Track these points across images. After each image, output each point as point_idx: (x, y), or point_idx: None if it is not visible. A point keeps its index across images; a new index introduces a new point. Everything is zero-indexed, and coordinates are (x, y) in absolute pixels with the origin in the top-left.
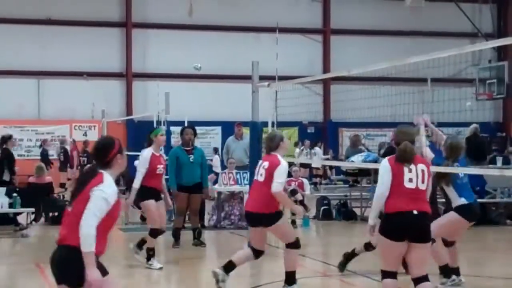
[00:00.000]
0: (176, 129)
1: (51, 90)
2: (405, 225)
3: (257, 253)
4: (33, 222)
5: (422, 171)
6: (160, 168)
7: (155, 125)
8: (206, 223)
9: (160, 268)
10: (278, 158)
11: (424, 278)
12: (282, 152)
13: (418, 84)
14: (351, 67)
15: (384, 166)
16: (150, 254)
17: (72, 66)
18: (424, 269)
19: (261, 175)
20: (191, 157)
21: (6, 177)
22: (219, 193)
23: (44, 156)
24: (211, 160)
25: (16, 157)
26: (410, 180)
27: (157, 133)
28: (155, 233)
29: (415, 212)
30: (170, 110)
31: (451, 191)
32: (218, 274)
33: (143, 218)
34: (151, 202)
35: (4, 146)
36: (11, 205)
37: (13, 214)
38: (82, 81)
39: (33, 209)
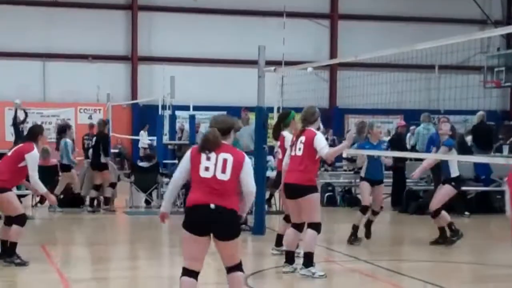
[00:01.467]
0: (181, 113)
1: (56, 73)
2: (201, 219)
3: (298, 227)
4: (38, 204)
5: (225, 160)
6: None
7: (160, 109)
8: None
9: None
10: (313, 130)
11: (236, 268)
12: (314, 127)
13: (425, 71)
14: (358, 53)
15: (186, 153)
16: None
17: (77, 48)
18: (235, 259)
19: (299, 149)
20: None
21: (102, 159)
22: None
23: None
24: None
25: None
26: (206, 168)
27: (293, 117)
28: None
29: (212, 206)
30: (175, 94)
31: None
32: (289, 271)
33: (147, 202)
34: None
35: (101, 129)
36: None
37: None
38: (87, 64)
39: None
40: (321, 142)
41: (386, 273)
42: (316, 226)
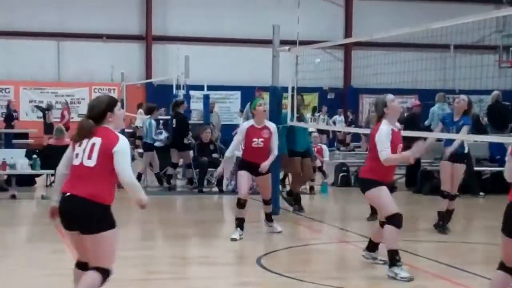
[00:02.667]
0: (195, 93)
1: (71, 52)
2: (60, 210)
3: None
4: (53, 184)
5: (93, 144)
6: (259, 141)
7: (174, 89)
8: (224, 188)
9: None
10: (380, 125)
11: (94, 268)
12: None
13: (440, 50)
14: (373, 32)
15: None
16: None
17: (92, 28)
18: (95, 261)
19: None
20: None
21: (185, 140)
22: (238, 158)
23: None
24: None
25: (35, 119)
26: (77, 155)
27: (254, 105)
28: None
29: (67, 194)
30: (189, 74)
31: None
32: (368, 258)
33: (160, 182)
34: (242, 173)
35: (177, 110)
36: (31, 167)
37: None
38: (101, 44)
39: (52, 171)
40: (380, 141)
41: (401, 253)
42: (392, 220)
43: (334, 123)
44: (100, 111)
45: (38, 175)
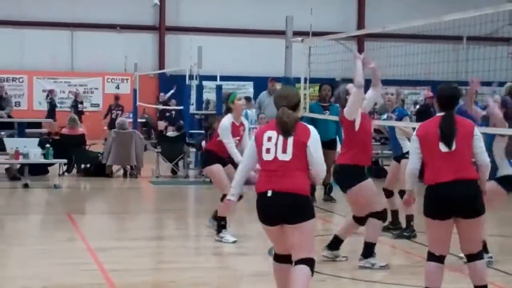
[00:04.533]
0: (208, 84)
1: (84, 42)
2: (263, 209)
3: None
4: (65, 173)
5: (285, 138)
6: (235, 140)
7: (187, 79)
8: None
9: (234, 242)
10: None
11: (300, 262)
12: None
13: (453, 42)
14: (385, 24)
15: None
16: (222, 224)
17: (105, 18)
18: (303, 251)
19: None
20: (327, 113)
21: None
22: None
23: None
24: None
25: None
26: (267, 150)
27: (233, 99)
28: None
29: (268, 192)
30: (202, 64)
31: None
32: (328, 256)
33: (173, 172)
34: (215, 167)
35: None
36: (44, 156)
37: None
38: (115, 34)
39: (65, 160)
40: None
41: (412, 245)
42: (378, 215)
43: None
44: (296, 102)
45: (51, 164)
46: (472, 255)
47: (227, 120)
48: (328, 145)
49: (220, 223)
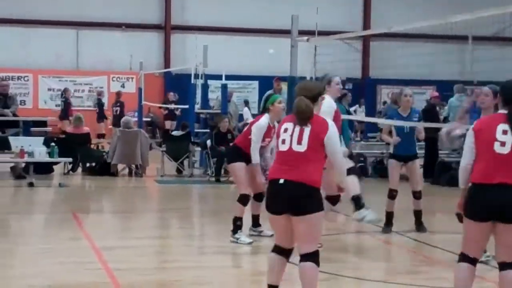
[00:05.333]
0: (214, 83)
1: (90, 41)
2: (273, 195)
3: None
4: (70, 172)
5: (302, 129)
6: (266, 141)
7: (192, 78)
8: None
9: (250, 243)
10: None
11: (306, 259)
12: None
13: (458, 42)
14: (391, 24)
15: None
16: (238, 225)
17: (111, 17)
18: (306, 243)
19: None
20: None
21: None
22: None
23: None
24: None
25: (53, 107)
26: (283, 141)
27: (273, 101)
28: (243, 199)
29: (281, 180)
30: (208, 63)
31: None
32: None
33: (178, 171)
34: (239, 165)
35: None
36: (49, 155)
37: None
38: (120, 33)
39: (70, 159)
40: None
41: (418, 244)
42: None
43: (355, 112)
44: (315, 94)
45: (56, 163)
46: (507, 263)
47: (264, 121)
48: None
49: (236, 224)
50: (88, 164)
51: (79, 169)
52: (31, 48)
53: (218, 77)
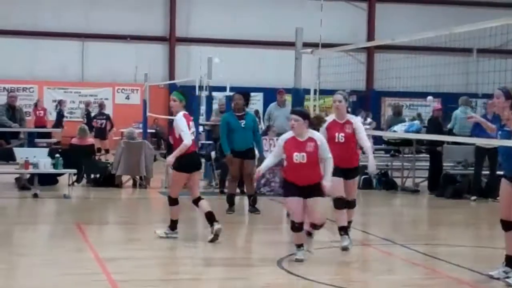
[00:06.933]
0: (218, 95)
1: (95, 53)
2: None
3: None
4: (75, 183)
5: None
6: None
7: (197, 90)
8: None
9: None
10: None
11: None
12: None
13: (463, 54)
14: (395, 36)
15: None
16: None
17: (116, 29)
18: None
19: None
20: (243, 122)
21: None
22: (259, 159)
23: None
24: None
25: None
26: None
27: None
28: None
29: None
30: (212, 75)
31: None
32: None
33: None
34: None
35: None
36: (54, 166)
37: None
38: (125, 44)
39: (75, 170)
40: None
41: (422, 257)
42: None
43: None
44: None
45: (61, 174)
46: None
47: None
48: (246, 154)
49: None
50: (92, 176)
51: (84, 181)
52: (36, 59)
53: (222, 88)
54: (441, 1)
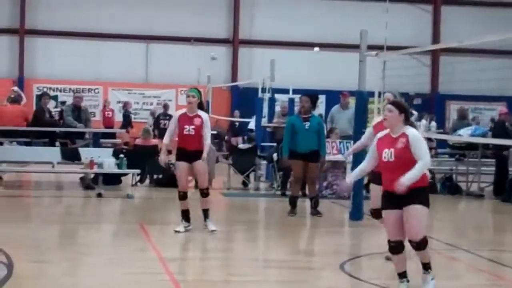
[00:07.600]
0: (280, 97)
1: (159, 54)
2: None
3: None
4: (138, 184)
5: None
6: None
7: (259, 92)
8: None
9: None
10: None
11: None
12: None
13: None
14: (461, 38)
15: None
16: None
17: (180, 31)
18: None
19: None
20: (307, 124)
21: None
22: (321, 162)
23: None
24: None
25: (121, 119)
26: None
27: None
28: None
29: None
30: (275, 77)
31: None
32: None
33: (244, 184)
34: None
35: None
36: (118, 166)
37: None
38: (189, 46)
39: (138, 171)
40: None
41: (487, 263)
42: None
43: (419, 126)
44: None
45: (124, 174)
46: None
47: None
48: (310, 157)
49: None
50: (155, 176)
51: (147, 181)
52: (102, 61)
53: (285, 91)
54: (506, 4)
